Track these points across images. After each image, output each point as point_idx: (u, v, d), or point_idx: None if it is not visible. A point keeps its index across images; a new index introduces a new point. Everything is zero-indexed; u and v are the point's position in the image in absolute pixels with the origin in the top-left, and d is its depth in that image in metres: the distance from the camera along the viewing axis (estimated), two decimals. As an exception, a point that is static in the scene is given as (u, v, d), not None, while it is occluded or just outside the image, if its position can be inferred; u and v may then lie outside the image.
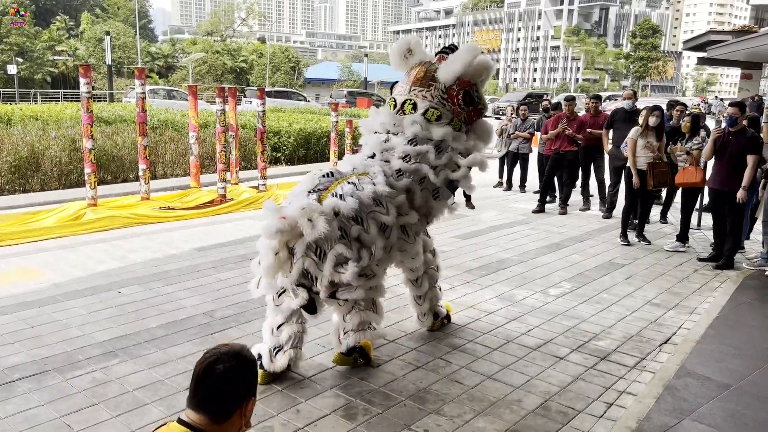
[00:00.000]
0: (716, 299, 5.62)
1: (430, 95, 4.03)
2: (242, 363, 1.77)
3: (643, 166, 7.46)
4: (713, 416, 3.52)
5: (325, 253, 3.44)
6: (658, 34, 78.38)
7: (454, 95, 4.05)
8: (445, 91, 4.05)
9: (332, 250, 3.44)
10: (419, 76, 4.08)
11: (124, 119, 12.94)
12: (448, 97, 4.05)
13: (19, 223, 7.33)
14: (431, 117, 4.02)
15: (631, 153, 7.56)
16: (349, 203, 3.52)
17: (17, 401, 3.45)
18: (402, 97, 4.13)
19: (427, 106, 4.03)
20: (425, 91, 4.03)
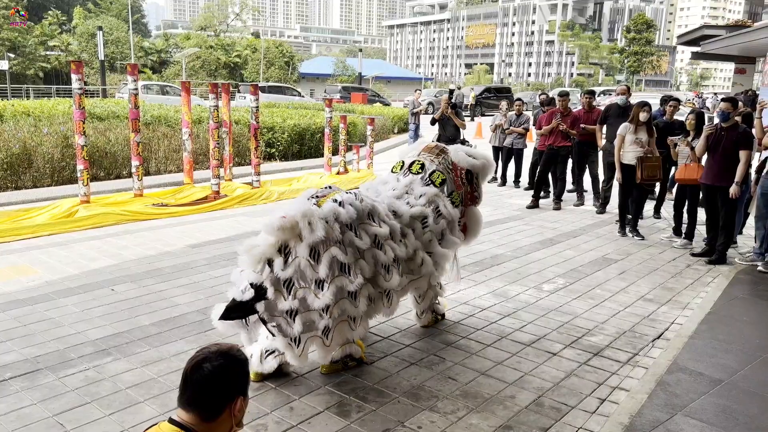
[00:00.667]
0: (709, 294, 5.65)
1: (438, 161, 4.35)
2: (231, 362, 1.77)
3: (632, 161, 7.49)
4: (705, 411, 3.54)
5: (320, 255, 3.43)
6: (653, 28, 78.49)
7: (458, 169, 4.44)
8: (451, 164, 4.42)
9: (327, 252, 3.44)
10: (430, 146, 4.49)
11: (117, 115, 12.87)
12: (453, 168, 4.41)
13: (11, 221, 7.29)
14: (436, 179, 4.31)
15: (617, 148, 7.61)
16: (349, 210, 3.59)
17: (10, 400, 3.44)
18: (410, 159, 4.42)
19: (434, 168, 4.33)
20: (434, 157, 4.38)
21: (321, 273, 3.42)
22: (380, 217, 3.81)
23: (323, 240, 3.43)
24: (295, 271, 3.41)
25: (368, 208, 3.75)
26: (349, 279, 3.51)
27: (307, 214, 3.43)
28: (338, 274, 3.47)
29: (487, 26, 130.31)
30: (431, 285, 4.47)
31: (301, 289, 3.43)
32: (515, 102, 11.77)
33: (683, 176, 7.14)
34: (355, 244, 3.58)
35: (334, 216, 3.52)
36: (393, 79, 59.56)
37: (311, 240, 3.40)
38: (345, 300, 3.52)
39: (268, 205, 9.09)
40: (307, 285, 3.43)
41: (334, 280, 3.45)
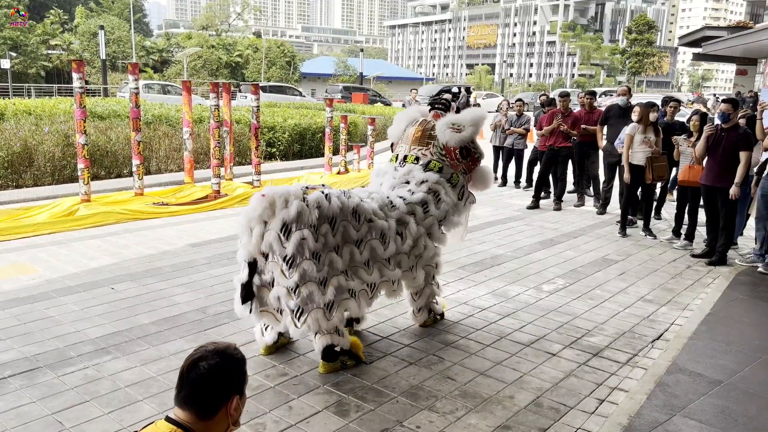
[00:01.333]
0: (709, 295, 5.65)
1: (429, 153, 4.38)
2: (227, 360, 1.77)
3: (641, 161, 7.50)
4: (704, 412, 3.53)
5: (290, 233, 3.55)
6: (654, 29, 78.37)
7: (452, 150, 4.39)
8: (443, 147, 4.39)
9: (298, 232, 3.55)
10: (417, 135, 4.43)
11: (118, 114, 12.88)
12: (446, 152, 4.39)
13: (11, 219, 7.30)
14: (434, 168, 4.37)
15: (626, 148, 7.60)
16: (333, 204, 3.70)
17: (9, 398, 3.44)
18: (404, 153, 4.46)
19: (429, 159, 4.37)
20: (425, 149, 4.39)
21: (288, 250, 3.54)
22: (366, 215, 3.88)
23: (296, 219, 3.55)
24: (267, 243, 3.59)
25: (353, 205, 3.81)
26: (316, 266, 3.60)
27: (284, 193, 3.61)
28: (307, 257, 3.58)
29: (488, 27, 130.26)
30: (428, 283, 4.49)
31: (271, 263, 3.61)
32: (516, 102, 11.76)
33: (686, 177, 7.13)
34: (328, 238, 3.67)
35: (316, 204, 3.62)
36: (394, 79, 59.56)
37: (283, 215, 3.54)
38: (312, 284, 3.60)
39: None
40: (276, 260, 3.59)
41: (302, 262, 3.56)
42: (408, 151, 4.46)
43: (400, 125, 4.60)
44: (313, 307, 3.64)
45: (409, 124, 4.56)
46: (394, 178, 4.41)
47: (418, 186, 4.30)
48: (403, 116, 4.67)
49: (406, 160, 4.44)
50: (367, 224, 3.89)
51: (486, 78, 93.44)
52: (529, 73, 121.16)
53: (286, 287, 3.60)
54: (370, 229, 3.91)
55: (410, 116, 4.61)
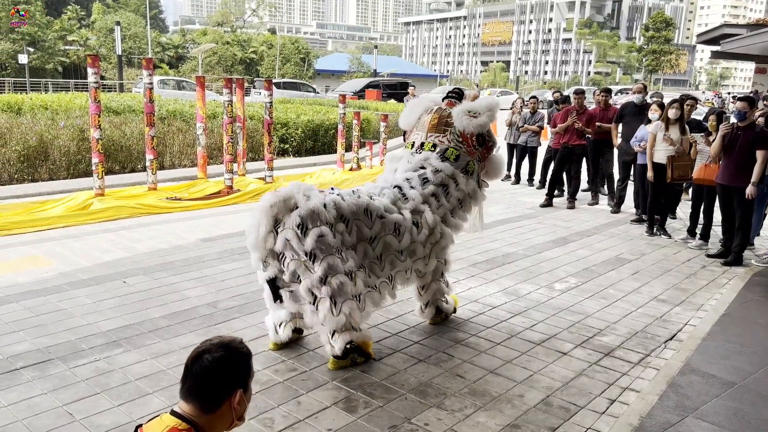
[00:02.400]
0: (723, 296, 5.57)
1: (446, 140, 4.37)
2: (231, 354, 1.76)
3: (662, 159, 7.40)
4: (717, 414, 3.49)
5: (308, 230, 3.58)
6: (672, 27, 77.43)
7: (468, 137, 4.39)
8: (459, 135, 4.38)
9: (317, 228, 3.59)
10: (433, 123, 4.41)
11: (133, 109, 12.98)
12: (462, 140, 4.39)
13: (26, 212, 7.38)
14: (450, 156, 4.36)
15: (649, 146, 7.52)
16: (349, 202, 3.77)
17: (21, 389, 3.47)
18: (420, 140, 4.44)
19: (447, 146, 4.36)
20: (441, 137, 4.38)
21: (307, 246, 3.58)
22: (378, 213, 3.93)
23: (314, 215, 3.59)
24: (282, 242, 3.61)
25: (364, 205, 3.87)
26: (341, 260, 3.66)
27: (303, 187, 3.69)
28: (331, 252, 3.62)
29: (503, 24, 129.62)
30: (435, 278, 4.49)
31: (291, 261, 3.63)
32: (530, 99, 11.68)
33: (702, 176, 7.04)
34: (345, 237, 3.73)
35: (334, 204, 3.69)
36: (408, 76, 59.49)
37: (304, 209, 3.58)
38: (341, 276, 3.65)
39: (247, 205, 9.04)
40: (296, 257, 3.61)
41: (326, 257, 3.60)
42: (425, 139, 4.44)
43: (415, 113, 4.57)
44: (347, 297, 3.68)
45: (424, 113, 4.54)
46: (409, 162, 4.40)
47: (434, 174, 4.29)
48: (417, 104, 4.64)
49: (423, 148, 4.41)
50: (379, 221, 3.92)
51: (501, 75, 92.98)
52: (545, 70, 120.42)
53: (311, 280, 3.62)
54: (384, 225, 3.94)
55: (424, 105, 4.59)
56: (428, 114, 4.49)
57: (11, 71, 40.23)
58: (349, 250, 3.75)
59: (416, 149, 4.43)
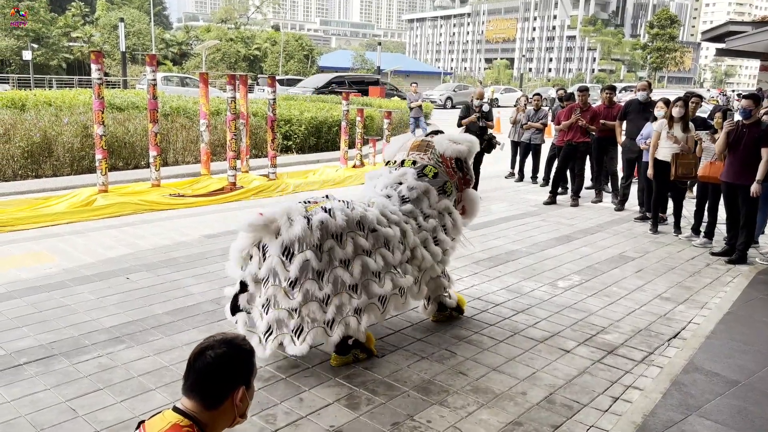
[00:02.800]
0: (728, 294, 5.55)
1: (427, 157, 4.42)
2: (234, 350, 1.76)
3: (666, 156, 7.39)
4: (720, 412, 3.47)
5: (293, 255, 3.54)
6: (677, 24, 77.07)
7: (448, 159, 4.46)
8: (440, 156, 4.44)
9: (301, 254, 3.54)
10: (415, 144, 4.51)
11: (136, 106, 12.98)
12: (442, 160, 4.44)
13: (30, 208, 7.39)
14: (429, 173, 4.35)
15: (653, 145, 7.51)
16: (339, 220, 3.66)
17: (23, 385, 3.48)
18: (401, 157, 4.48)
19: (426, 163, 4.39)
20: (422, 154, 4.43)
21: (291, 273, 3.53)
22: (370, 225, 3.83)
23: (299, 240, 3.53)
24: (268, 269, 3.57)
25: (357, 217, 3.79)
26: (318, 285, 3.59)
27: (287, 210, 3.60)
28: (310, 277, 3.56)
29: (507, 21, 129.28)
30: (432, 277, 4.44)
31: (272, 287, 3.57)
32: (534, 97, 11.65)
33: (707, 174, 7.01)
34: (333, 254, 3.63)
35: (320, 224, 3.59)
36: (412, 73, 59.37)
37: (287, 237, 3.53)
38: (314, 303, 3.58)
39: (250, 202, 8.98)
40: (278, 283, 3.56)
41: (305, 282, 3.55)
42: (405, 156, 4.48)
43: (398, 143, 4.66)
44: (313, 326, 3.61)
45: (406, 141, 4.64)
46: (387, 178, 4.40)
47: (408, 191, 4.25)
48: (400, 138, 4.78)
49: (403, 165, 4.43)
50: (372, 234, 3.83)
51: (504, 72, 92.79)
52: (549, 68, 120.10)
53: (287, 309, 3.57)
54: (376, 239, 3.86)
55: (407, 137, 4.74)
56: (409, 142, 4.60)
57: (15, 68, 40.30)
58: (336, 269, 3.64)
59: (396, 166, 4.46)
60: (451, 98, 35.73)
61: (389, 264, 3.90)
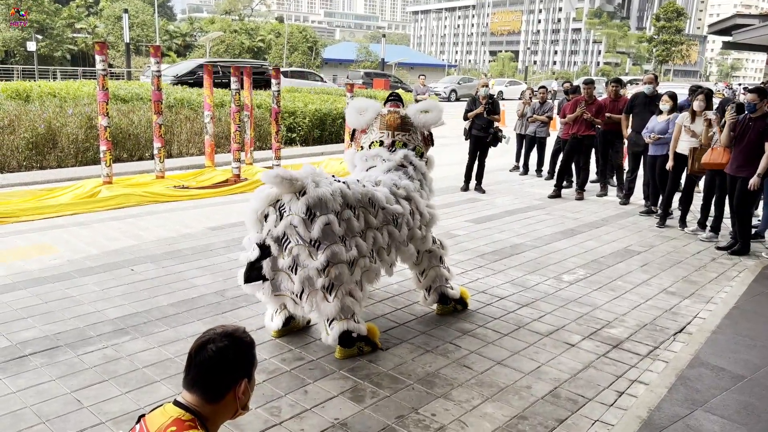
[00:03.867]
0: (733, 289, 5.53)
1: (413, 138, 4.66)
2: (235, 343, 1.74)
3: (684, 150, 7.37)
4: (726, 407, 3.46)
5: (316, 217, 3.59)
6: (683, 17, 76.55)
7: (426, 135, 4.82)
8: (420, 133, 4.74)
9: (324, 216, 3.60)
10: (397, 122, 4.61)
11: (140, 97, 12.96)
12: (422, 137, 4.76)
13: (35, 200, 7.40)
14: (417, 153, 4.67)
15: (674, 138, 7.51)
16: (354, 192, 3.81)
17: (29, 376, 3.49)
18: (389, 139, 4.59)
19: (414, 144, 4.66)
20: (407, 135, 4.63)
21: (314, 233, 3.58)
22: (380, 204, 4.01)
23: (322, 202, 3.59)
24: (286, 226, 3.60)
25: (369, 195, 3.95)
26: (345, 247, 3.69)
27: (314, 174, 3.69)
28: (335, 240, 3.65)
29: (512, 13, 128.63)
30: (433, 265, 4.54)
31: (296, 246, 3.62)
32: (539, 89, 11.59)
33: (708, 160, 6.98)
34: (351, 224, 3.77)
35: (340, 192, 3.72)
36: (416, 66, 59.16)
37: (312, 195, 3.58)
38: (342, 266, 3.67)
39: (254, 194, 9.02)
40: (301, 243, 3.61)
41: (331, 245, 3.62)
42: (392, 137, 4.58)
43: (369, 114, 4.66)
44: (341, 284, 3.69)
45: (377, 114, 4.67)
46: (388, 160, 4.51)
47: (415, 172, 4.53)
48: (366, 106, 4.72)
49: (394, 146, 4.56)
50: (381, 212, 4.00)
51: (509, 65, 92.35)
52: (554, 60, 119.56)
53: (315, 267, 3.61)
54: (385, 215, 4.03)
55: (375, 107, 4.72)
56: (382, 116, 4.63)
57: (20, 58, 40.33)
58: (355, 237, 3.79)
59: (388, 147, 4.56)
60: (456, 91, 35.65)
61: (396, 239, 4.11)
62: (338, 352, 3.87)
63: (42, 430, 3.00)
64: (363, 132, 4.73)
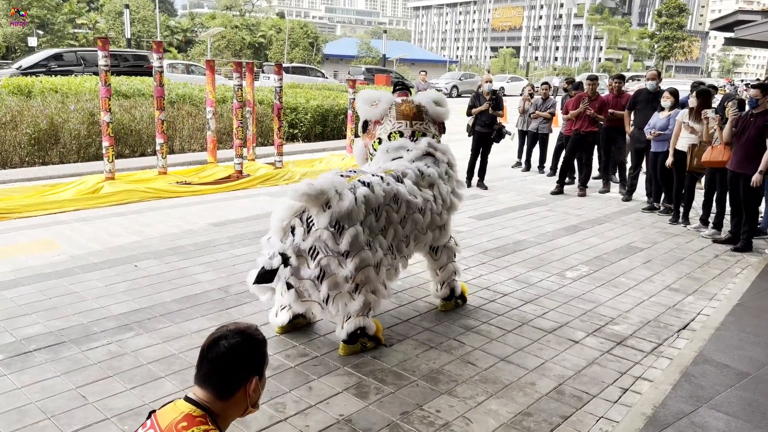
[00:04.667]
0: (737, 285, 5.52)
1: (430, 127, 4.71)
2: (247, 341, 1.75)
3: (683, 147, 7.37)
4: (731, 404, 3.46)
5: (344, 230, 3.62)
6: (685, 13, 76.37)
7: (439, 125, 4.85)
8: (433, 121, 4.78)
9: (352, 228, 3.64)
10: (414, 112, 4.64)
11: (142, 93, 12.94)
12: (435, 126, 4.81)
13: (37, 196, 7.39)
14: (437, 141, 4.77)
15: (675, 135, 7.51)
16: (378, 194, 3.83)
17: (33, 371, 3.49)
18: (408, 129, 4.62)
19: (432, 133, 4.71)
20: (424, 124, 4.68)
21: (342, 246, 3.62)
22: (404, 198, 4.05)
23: (348, 215, 3.61)
24: (315, 240, 3.62)
25: (393, 192, 3.98)
26: (372, 252, 3.76)
27: (336, 184, 3.68)
28: (363, 247, 3.69)
29: (514, 9, 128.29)
30: (451, 260, 4.65)
31: (325, 258, 3.65)
32: (542, 85, 11.56)
33: (708, 158, 6.97)
34: (372, 226, 3.81)
35: (364, 199, 3.73)
36: (417, 62, 59.08)
37: (336, 210, 3.59)
38: (369, 269, 3.73)
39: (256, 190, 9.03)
40: (331, 254, 3.64)
41: (359, 253, 3.66)
42: (411, 127, 4.60)
43: (383, 105, 4.65)
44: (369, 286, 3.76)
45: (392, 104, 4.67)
46: (413, 150, 4.53)
47: (444, 155, 4.61)
48: (379, 96, 4.73)
49: (414, 136, 4.59)
50: (405, 204, 4.05)
51: (510, 61, 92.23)
52: (555, 56, 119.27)
53: (344, 276, 3.66)
54: (409, 207, 4.08)
55: (388, 97, 4.73)
56: (397, 105, 4.62)
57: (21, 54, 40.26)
58: (378, 236, 3.85)
59: (409, 137, 4.58)
60: (457, 87, 35.56)
61: (419, 226, 4.18)
62: (342, 349, 3.87)
63: (47, 425, 3.00)
64: (378, 123, 4.67)
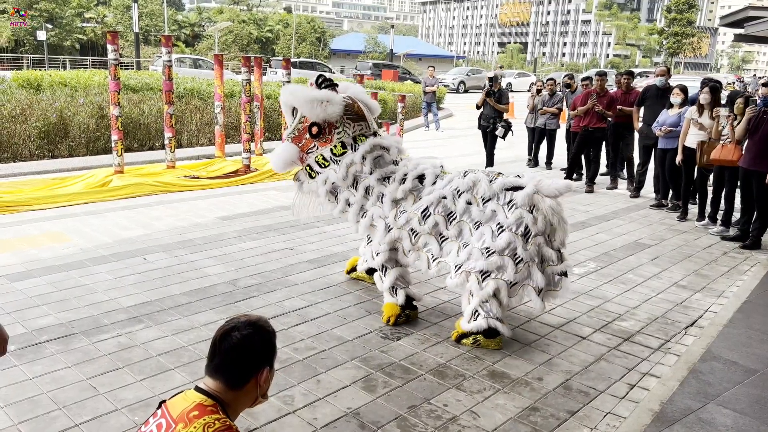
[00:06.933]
0: (745, 283, 5.51)
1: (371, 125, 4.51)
2: (258, 332, 1.78)
3: (692, 144, 7.34)
4: (738, 401, 3.46)
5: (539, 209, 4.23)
6: (694, 9, 75.74)
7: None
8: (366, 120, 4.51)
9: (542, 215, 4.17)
10: (362, 112, 4.36)
11: (150, 87, 12.97)
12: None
13: (47, 189, 7.44)
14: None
15: (683, 132, 7.48)
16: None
17: (45, 362, 3.52)
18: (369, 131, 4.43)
19: (374, 130, 4.51)
20: (366, 123, 4.43)
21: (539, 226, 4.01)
22: None
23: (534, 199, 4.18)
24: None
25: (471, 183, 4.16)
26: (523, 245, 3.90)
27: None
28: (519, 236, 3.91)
29: (521, 4, 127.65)
30: None
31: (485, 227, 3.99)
32: (548, 81, 11.52)
33: (718, 157, 6.93)
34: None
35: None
36: (424, 57, 58.93)
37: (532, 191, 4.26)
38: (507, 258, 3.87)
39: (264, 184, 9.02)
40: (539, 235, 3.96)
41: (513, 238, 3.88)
42: (361, 129, 4.39)
43: (337, 107, 4.27)
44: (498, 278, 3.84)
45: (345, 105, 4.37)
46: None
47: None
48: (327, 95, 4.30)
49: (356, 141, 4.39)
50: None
51: (518, 57, 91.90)
52: (563, 52, 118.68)
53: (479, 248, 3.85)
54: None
55: (338, 96, 4.37)
56: (350, 105, 4.30)
57: (29, 48, 40.46)
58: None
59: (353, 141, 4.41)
60: (464, 82, 35.49)
61: None
62: (456, 335, 4.05)
63: (59, 416, 3.03)
64: (332, 126, 4.29)
